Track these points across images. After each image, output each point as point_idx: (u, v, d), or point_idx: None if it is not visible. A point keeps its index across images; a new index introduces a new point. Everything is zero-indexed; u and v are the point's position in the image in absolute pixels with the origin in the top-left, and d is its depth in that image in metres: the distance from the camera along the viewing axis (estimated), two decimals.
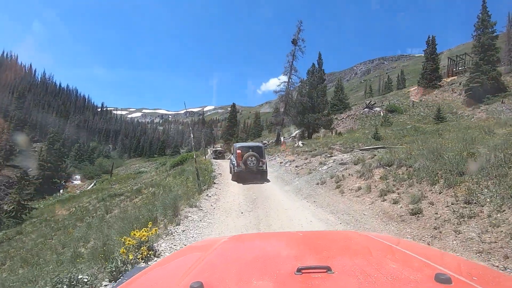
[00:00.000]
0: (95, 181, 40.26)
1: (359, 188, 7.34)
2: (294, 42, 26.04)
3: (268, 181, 11.38)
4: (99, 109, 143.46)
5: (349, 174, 8.76)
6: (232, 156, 12.50)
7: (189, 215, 5.76)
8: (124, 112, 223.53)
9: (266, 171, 11.59)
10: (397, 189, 6.23)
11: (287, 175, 11.93)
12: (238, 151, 11.04)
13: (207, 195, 8.07)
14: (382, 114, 36.41)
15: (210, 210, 6.46)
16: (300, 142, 19.02)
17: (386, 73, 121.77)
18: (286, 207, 6.84)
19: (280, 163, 14.73)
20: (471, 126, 13.06)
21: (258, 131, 66.54)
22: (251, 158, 10.74)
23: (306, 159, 13.78)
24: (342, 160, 11.06)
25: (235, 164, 11.02)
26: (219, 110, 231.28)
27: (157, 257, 3.50)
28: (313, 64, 27.89)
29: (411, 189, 5.87)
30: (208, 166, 14.32)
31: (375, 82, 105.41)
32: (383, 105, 42.12)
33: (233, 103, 65.42)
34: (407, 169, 6.98)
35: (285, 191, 9.09)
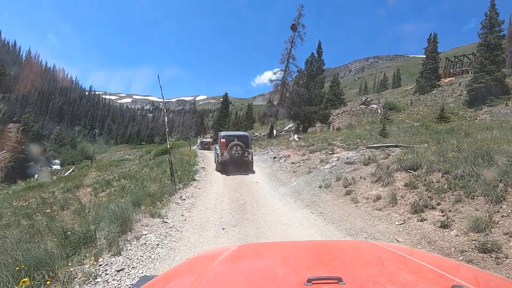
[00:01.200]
0: (73, 167, 37.65)
1: (378, 198, 5.65)
2: (294, 27, 24.01)
3: (253, 172, 10.62)
4: (86, 93, 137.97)
5: (361, 177, 7.08)
6: (217, 145, 11.67)
7: (145, 232, 3.90)
8: (113, 97, 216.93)
9: (252, 161, 10.97)
10: (438, 204, 4.55)
11: (282, 173, 10.18)
12: (223, 140, 10.45)
13: (181, 197, 6.22)
14: (379, 111, 35.41)
15: (179, 223, 4.60)
16: (295, 136, 17.30)
17: (381, 71, 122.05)
18: (284, 220, 5.08)
19: (274, 158, 12.97)
20: (493, 126, 11.56)
21: (250, 123, 64.57)
22: (236, 147, 10.23)
23: (304, 155, 12.07)
24: (348, 158, 9.37)
25: (219, 154, 10.45)
26: (212, 100, 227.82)
27: None
28: (312, 53, 26.02)
29: (462, 206, 4.20)
30: (191, 158, 12.44)
31: (370, 80, 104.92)
32: (380, 103, 41.22)
33: (225, 93, 63.15)
34: (443, 176, 5.31)
35: (281, 194, 7.34)
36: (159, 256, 3.33)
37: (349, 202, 5.90)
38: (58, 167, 47.54)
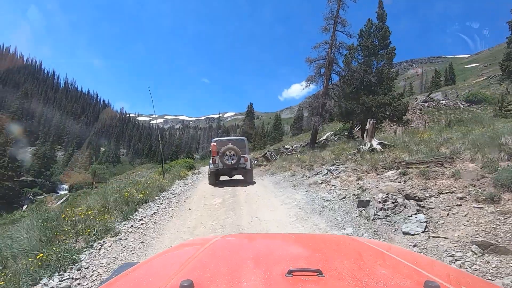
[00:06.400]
0: (68, 195, 31.60)
1: None
2: None
3: (253, 184, 8.74)
4: (117, 115, 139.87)
5: None
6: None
7: None
8: (147, 119, 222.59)
9: (251, 169, 9.49)
10: None
11: None
12: (213, 144, 9.15)
13: None
14: (461, 106, 25.66)
15: None
16: (375, 142, 8.48)
17: (417, 75, 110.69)
18: None
19: (359, 202, 4.29)
20: None
21: (278, 135, 55.85)
22: (229, 152, 8.79)
23: (495, 202, 3.26)
24: None
25: (211, 162, 9.12)
26: (239, 116, 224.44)
27: None
28: (369, 20, 17.22)
29: None
30: (120, 207, 4.20)
31: (415, 80, 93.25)
32: (448, 98, 31.57)
33: (250, 103, 56.16)
34: None
35: None
36: None
37: None
38: (66, 192, 42.57)
